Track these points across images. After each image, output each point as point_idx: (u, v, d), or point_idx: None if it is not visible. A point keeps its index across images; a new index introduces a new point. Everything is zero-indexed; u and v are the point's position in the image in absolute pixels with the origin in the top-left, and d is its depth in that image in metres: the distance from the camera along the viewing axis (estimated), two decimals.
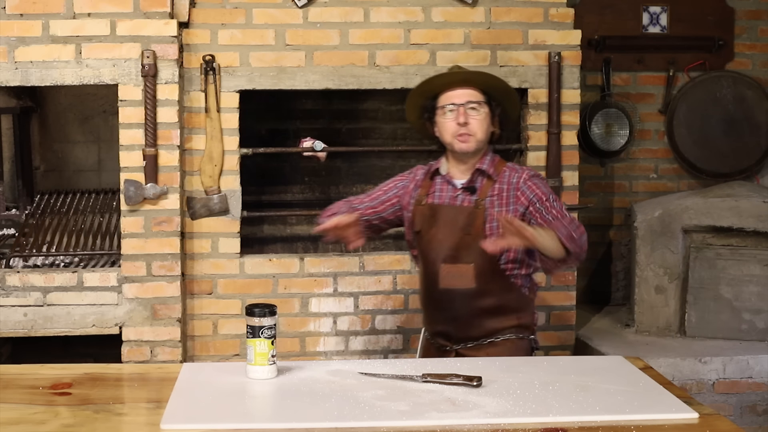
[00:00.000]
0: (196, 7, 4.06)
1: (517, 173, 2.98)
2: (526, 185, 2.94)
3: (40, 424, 1.92)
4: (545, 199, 2.92)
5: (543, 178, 3.03)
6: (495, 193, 2.95)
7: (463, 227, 2.91)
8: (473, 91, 2.96)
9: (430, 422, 1.92)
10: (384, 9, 4.13)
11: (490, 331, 2.94)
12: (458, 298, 2.92)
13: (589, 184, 4.94)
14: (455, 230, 2.92)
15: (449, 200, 2.98)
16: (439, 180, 3.03)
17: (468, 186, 2.98)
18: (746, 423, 4.06)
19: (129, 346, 3.99)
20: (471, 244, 2.88)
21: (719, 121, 4.95)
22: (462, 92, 2.95)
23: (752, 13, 5.00)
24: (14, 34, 3.89)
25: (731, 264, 4.36)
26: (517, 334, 2.96)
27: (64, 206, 4.48)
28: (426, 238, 2.97)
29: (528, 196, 2.92)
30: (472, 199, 2.95)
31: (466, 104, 2.93)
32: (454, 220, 2.93)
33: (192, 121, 4.07)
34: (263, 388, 2.14)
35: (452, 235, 2.92)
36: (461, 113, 2.91)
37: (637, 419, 1.95)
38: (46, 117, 4.75)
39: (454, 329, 2.97)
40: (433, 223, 2.96)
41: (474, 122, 2.92)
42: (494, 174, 2.97)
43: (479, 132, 2.94)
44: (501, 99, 3.01)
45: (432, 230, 2.95)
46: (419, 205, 3.00)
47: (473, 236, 2.89)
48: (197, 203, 4.09)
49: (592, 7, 4.86)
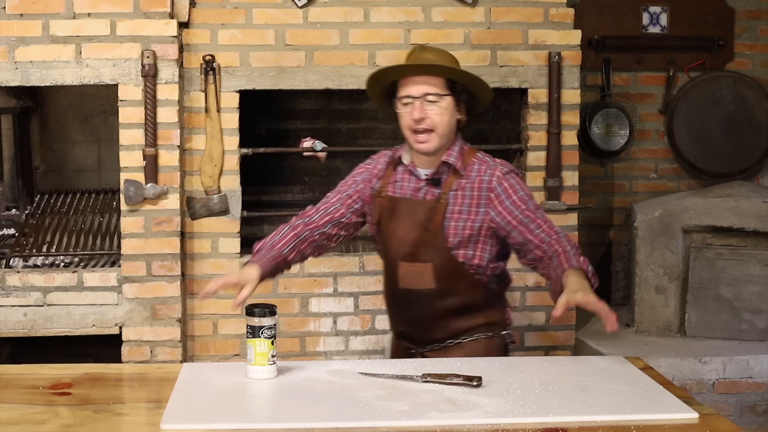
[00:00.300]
0: (196, 7, 4.06)
1: (489, 168, 2.69)
2: (501, 187, 2.67)
3: (40, 424, 1.92)
4: (524, 207, 2.66)
5: (517, 174, 2.76)
6: (461, 187, 2.68)
7: (422, 223, 2.66)
8: (434, 79, 2.65)
9: (430, 422, 1.92)
10: (384, 9, 4.13)
11: (455, 332, 2.74)
12: (419, 298, 2.69)
13: (589, 184, 4.94)
14: (414, 226, 2.67)
15: (411, 192, 2.73)
16: (401, 169, 2.77)
17: (433, 178, 2.72)
18: (746, 423, 4.05)
19: (129, 346, 3.99)
20: (430, 241, 2.65)
21: (719, 121, 4.95)
22: (420, 80, 2.64)
23: (752, 13, 5.00)
24: (14, 34, 3.89)
25: (731, 264, 4.36)
26: (486, 332, 2.75)
27: (64, 206, 4.48)
28: (386, 234, 2.74)
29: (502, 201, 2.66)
30: (436, 193, 2.70)
31: (423, 97, 2.63)
32: (414, 214, 2.69)
33: (192, 121, 4.07)
34: (263, 388, 2.14)
35: (411, 231, 2.68)
36: (417, 108, 2.62)
37: (637, 419, 1.95)
38: (46, 117, 4.75)
39: (416, 331, 2.77)
40: (392, 218, 2.72)
41: (433, 116, 2.63)
42: (461, 167, 2.69)
43: (440, 126, 2.64)
44: (467, 83, 2.72)
45: (392, 225, 2.72)
46: (379, 197, 2.76)
47: (432, 233, 2.65)
48: (197, 203, 4.09)
49: (592, 7, 4.86)
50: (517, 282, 4.24)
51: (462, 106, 2.72)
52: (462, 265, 2.68)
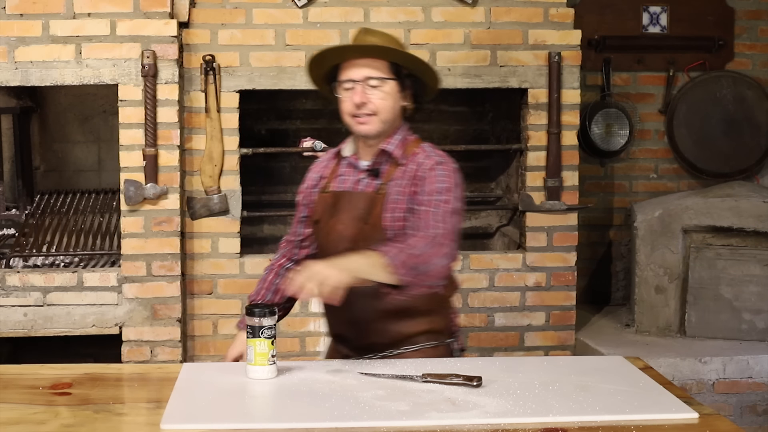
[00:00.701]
0: (196, 7, 4.06)
1: (428, 158, 2.54)
2: (429, 173, 2.50)
3: (40, 424, 1.92)
4: (430, 198, 2.46)
5: (452, 168, 2.55)
6: (399, 176, 2.52)
7: (362, 216, 2.51)
8: (376, 62, 2.50)
9: (430, 422, 1.92)
10: (384, 9, 4.13)
11: (396, 337, 2.52)
12: (357, 297, 2.41)
13: (589, 184, 4.94)
14: (353, 220, 2.52)
15: (352, 185, 2.58)
16: (344, 163, 2.64)
17: (372, 168, 2.57)
18: (746, 423, 4.05)
19: (129, 346, 3.99)
20: (370, 235, 2.47)
21: (719, 121, 4.95)
22: (362, 63, 2.50)
23: (752, 13, 5.00)
24: (14, 34, 3.89)
25: (731, 264, 4.36)
26: (429, 341, 2.54)
27: (64, 206, 4.48)
28: (325, 230, 2.58)
29: (418, 187, 2.49)
30: (376, 184, 2.54)
31: (365, 81, 2.49)
32: (354, 207, 2.53)
33: (192, 121, 4.07)
34: (263, 388, 2.14)
35: (350, 225, 2.52)
36: (358, 92, 2.48)
37: (637, 419, 1.95)
38: (46, 117, 4.75)
39: (355, 334, 2.54)
40: (333, 213, 2.57)
41: (376, 101, 2.49)
42: (401, 157, 2.54)
43: (383, 111, 2.50)
44: (412, 67, 2.56)
45: (332, 221, 2.56)
46: (323, 193, 2.62)
47: (371, 226, 2.49)
48: (197, 203, 4.09)
49: (592, 7, 4.85)
50: (516, 282, 4.25)
51: (408, 92, 2.57)
52: None
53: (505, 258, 4.28)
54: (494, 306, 4.27)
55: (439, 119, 4.86)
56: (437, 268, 2.37)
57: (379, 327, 2.50)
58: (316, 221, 2.62)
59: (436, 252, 2.36)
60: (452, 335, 2.61)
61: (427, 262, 2.34)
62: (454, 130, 4.88)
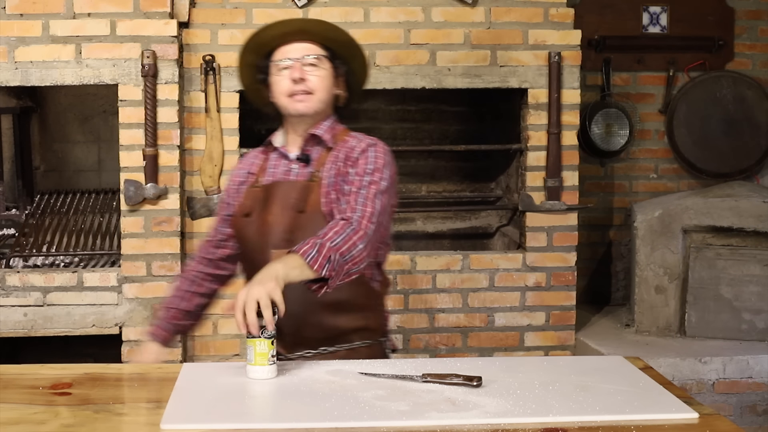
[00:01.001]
0: (196, 7, 4.06)
1: (360, 142, 2.53)
2: (362, 155, 2.48)
3: (40, 424, 1.92)
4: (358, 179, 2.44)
5: (384, 150, 2.52)
6: (331, 161, 2.50)
7: (296, 204, 2.46)
8: (312, 45, 2.51)
9: (430, 422, 1.91)
10: (384, 9, 4.13)
11: (331, 332, 2.47)
12: (292, 289, 2.28)
13: (589, 184, 4.94)
14: (287, 209, 2.47)
15: (283, 176, 2.55)
16: (274, 155, 2.60)
17: (302, 156, 2.54)
18: (746, 423, 4.05)
19: (129, 346, 3.99)
20: (307, 224, 2.43)
21: (719, 121, 4.95)
22: (299, 46, 2.51)
23: (752, 13, 5.00)
24: (14, 34, 3.89)
25: (731, 264, 4.36)
26: (364, 339, 2.51)
27: (64, 206, 4.48)
28: (257, 223, 2.50)
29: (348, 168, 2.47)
30: (308, 172, 2.51)
31: (303, 59, 2.49)
32: (286, 197, 2.48)
33: (192, 121, 4.07)
34: (263, 388, 2.14)
35: (283, 215, 2.46)
36: (296, 68, 2.48)
37: (637, 419, 1.95)
38: (46, 117, 4.75)
39: (287, 328, 2.41)
40: (265, 205, 2.50)
41: (314, 79, 2.49)
42: (331, 141, 2.53)
43: (319, 90, 2.50)
44: (346, 56, 2.57)
45: (263, 213, 2.50)
46: (253, 188, 2.56)
47: (308, 214, 2.44)
48: (197, 203, 4.09)
49: (592, 7, 4.86)
50: (516, 282, 4.25)
51: (341, 80, 2.58)
52: None
53: (505, 258, 4.28)
54: (494, 306, 4.27)
55: (439, 119, 4.87)
56: (356, 253, 2.29)
57: (313, 321, 2.44)
58: (246, 215, 2.53)
59: (353, 238, 2.29)
60: (385, 335, 2.58)
61: (349, 251, 2.27)
62: (454, 130, 4.88)
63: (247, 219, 2.53)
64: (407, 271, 4.20)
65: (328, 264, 2.23)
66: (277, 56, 2.53)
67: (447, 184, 4.90)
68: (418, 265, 4.24)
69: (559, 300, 4.30)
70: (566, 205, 4.27)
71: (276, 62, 2.52)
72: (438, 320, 4.26)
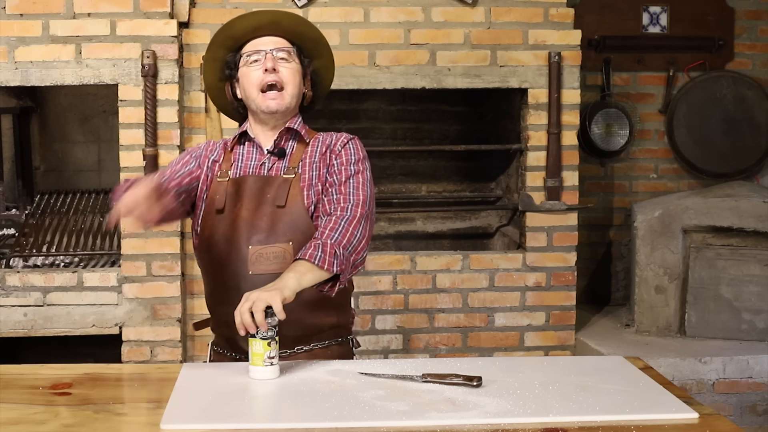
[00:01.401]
0: (196, 7, 4.06)
1: (337, 137, 2.53)
2: (343, 149, 2.48)
3: (40, 424, 1.92)
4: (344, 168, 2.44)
5: (361, 144, 2.54)
6: (308, 155, 2.49)
7: (274, 199, 2.41)
8: (282, 40, 2.49)
9: (430, 422, 1.91)
10: (384, 9, 4.13)
11: (309, 330, 2.45)
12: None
13: (589, 184, 4.94)
14: (264, 204, 2.41)
15: (254, 169, 2.48)
16: (243, 148, 2.54)
17: (276, 150, 2.50)
18: (746, 423, 4.06)
19: (129, 346, 3.99)
20: (286, 218, 2.39)
21: (719, 121, 4.96)
22: (269, 39, 2.48)
23: (752, 13, 5.00)
24: (14, 34, 3.89)
25: (731, 264, 4.36)
26: (335, 337, 2.50)
27: (64, 206, 4.48)
28: (229, 218, 2.42)
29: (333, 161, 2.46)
30: (283, 166, 2.47)
31: (275, 50, 2.46)
32: (261, 192, 2.43)
33: (192, 121, 4.07)
34: (263, 388, 2.14)
35: (260, 210, 2.41)
36: (269, 58, 2.44)
37: (637, 419, 1.95)
38: (46, 117, 4.75)
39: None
40: (236, 200, 2.43)
41: (285, 71, 2.46)
42: (306, 135, 2.52)
43: (290, 85, 2.47)
44: (314, 54, 2.55)
45: (235, 208, 2.43)
46: (221, 180, 2.48)
47: (288, 209, 2.40)
48: None
49: (592, 7, 4.86)
50: (516, 282, 4.25)
51: (308, 80, 2.55)
52: None
53: (505, 258, 4.28)
54: (494, 306, 4.27)
55: (439, 119, 4.87)
56: (356, 241, 2.33)
57: (295, 318, 2.31)
58: (218, 210, 2.45)
59: (349, 228, 2.33)
60: (351, 332, 2.58)
61: (350, 242, 2.31)
62: (454, 130, 4.88)
63: (219, 215, 2.44)
64: (407, 271, 4.20)
65: (336, 260, 2.26)
66: (246, 49, 2.49)
67: (447, 184, 4.90)
68: (418, 265, 4.24)
69: (559, 300, 4.30)
70: (566, 205, 4.27)
71: (246, 54, 2.48)
72: (438, 320, 4.26)
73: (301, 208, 2.41)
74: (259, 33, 2.49)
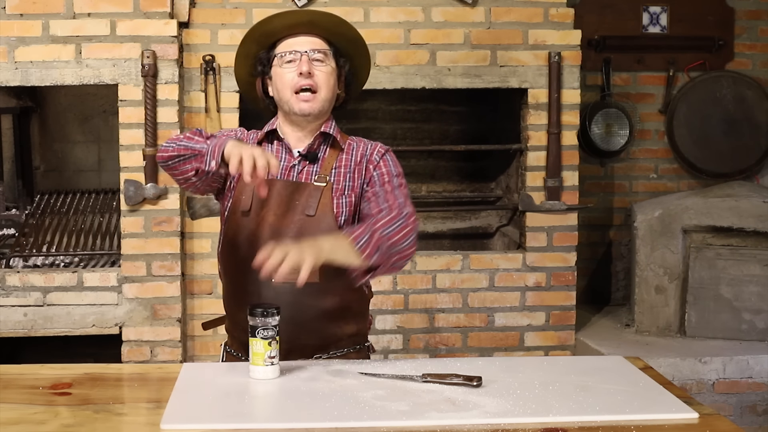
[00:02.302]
0: (196, 7, 4.06)
1: (369, 145, 2.45)
2: (381, 158, 2.42)
3: (40, 424, 1.92)
4: (387, 180, 2.40)
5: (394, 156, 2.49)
6: (341, 163, 2.41)
7: (304, 207, 2.35)
8: (319, 40, 2.41)
9: (430, 422, 1.91)
10: (384, 9, 4.13)
11: (328, 338, 2.41)
12: (293, 295, 2.29)
13: (589, 184, 4.94)
14: (292, 211, 2.35)
15: (283, 172, 2.40)
16: (272, 147, 2.45)
17: (308, 153, 2.41)
18: (746, 423, 4.06)
19: (129, 346, 3.99)
20: (315, 228, 2.33)
21: (719, 121, 4.96)
22: (305, 39, 2.40)
23: (752, 13, 5.00)
24: (14, 34, 3.89)
25: (731, 264, 4.36)
26: (353, 345, 2.47)
27: (64, 206, 4.48)
28: (254, 222, 2.36)
29: (372, 172, 2.41)
30: (314, 171, 2.40)
31: (311, 52, 2.38)
32: (290, 198, 2.36)
33: (192, 121, 4.07)
34: (263, 388, 2.14)
35: (289, 217, 2.34)
36: (304, 62, 2.36)
37: (637, 419, 1.95)
38: (46, 117, 4.75)
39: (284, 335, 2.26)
40: (263, 203, 2.36)
41: (320, 75, 2.37)
42: (341, 140, 2.44)
43: (325, 88, 2.38)
44: (350, 53, 2.47)
45: (262, 212, 2.36)
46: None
47: (317, 218, 2.34)
48: (197, 203, 4.09)
49: (592, 7, 4.86)
50: (516, 282, 4.25)
51: (342, 81, 2.46)
52: None
53: (505, 258, 4.28)
54: (494, 306, 4.27)
55: (439, 119, 4.87)
56: (407, 245, 2.31)
57: (315, 327, 2.37)
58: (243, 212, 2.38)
59: (404, 229, 2.31)
60: (367, 338, 2.55)
61: (400, 242, 2.29)
62: (454, 130, 4.88)
63: (244, 217, 2.39)
64: (407, 271, 4.20)
65: (377, 253, 2.23)
66: (281, 48, 2.40)
67: (447, 184, 4.90)
68: (418, 265, 4.24)
69: (559, 300, 4.30)
70: (566, 205, 4.27)
71: (281, 54, 2.39)
72: (438, 320, 4.26)
73: (331, 218, 2.35)
74: (295, 31, 2.41)
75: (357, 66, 2.50)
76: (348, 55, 2.46)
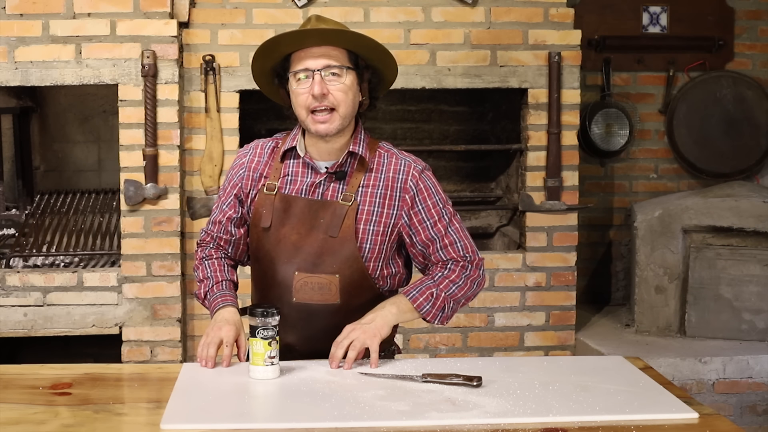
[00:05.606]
0: (196, 7, 4.06)
1: (403, 165, 2.35)
2: (417, 188, 2.34)
3: (40, 424, 1.92)
4: (438, 218, 2.35)
5: (431, 171, 2.41)
6: (369, 183, 2.34)
7: (326, 227, 2.30)
8: (335, 51, 2.27)
9: (430, 422, 1.92)
10: (384, 9, 4.13)
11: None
12: (316, 314, 2.33)
13: (589, 184, 4.94)
14: (316, 230, 2.31)
15: (307, 189, 2.34)
16: (293, 162, 2.37)
17: (336, 171, 2.33)
18: (746, 423, 4.06)
19: (129, 346, 3.99)
20: (337, 249, 2.29)
21: (719, 121, 4.96)
22: (319, 52, 2.26)
23: (752, 13, 5.00)
24: (14, 34, 3.89)
25: (731, 264, 4.36)
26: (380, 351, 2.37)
27: (64, 206, 4.48)
28: (275, 238, 2.33)
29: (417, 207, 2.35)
30: (339, 189, 2.33)
31: (324, 69, 2.25)
32: (314, 216, 2.31)
33: (192, 121, 4.07)
34: (263, 388, 2.14)
35: (310, 237, 2.30)
36: (317, 82, 2.23)
37: (637, 419, 1.95)
38: (46, 117, 4.75)
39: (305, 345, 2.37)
40: (285, 219, 2.32)
41: (336, 93, 2.25)
42: (370, 159, 2.34)
43: (342, 105, 2.26)
44: (371, 57, 2.33)
45: (283, 229, 2.32)
46: (268, 194, 2.35)
47: (340, 240, 2.29)
48: (197, 203, 4.09)
49: (592, 7, 4.86)
50: (516, 282, 4.25)
51: (365, 86, 2.34)
52: (371, 278, 2.35)
53: (505, 258, 4.28)
54: (494, 306, 4.27)
55: (439, 119, 4.87)
56: (472, 293, 2.42)
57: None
58: (264, 227, 2.35)
59: (467, 282, 2.40)
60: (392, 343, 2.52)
61: (464, 295, 2.40)
62: (454, 130, 4.88)
63: (264, 232, 2.35)
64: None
65: (441, 314, 2.38)
66: (295, 64, 2.28)
67: (447, 184, 4.90)
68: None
69: (559, 300, 4.30)
70: (566, 205, 4.27)
71: (293, 71, 2.28)
72: None
73: (353, 243, 2.30)
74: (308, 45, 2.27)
75: (383, 67, 2.37)
76: (368, 58, 2.34)
